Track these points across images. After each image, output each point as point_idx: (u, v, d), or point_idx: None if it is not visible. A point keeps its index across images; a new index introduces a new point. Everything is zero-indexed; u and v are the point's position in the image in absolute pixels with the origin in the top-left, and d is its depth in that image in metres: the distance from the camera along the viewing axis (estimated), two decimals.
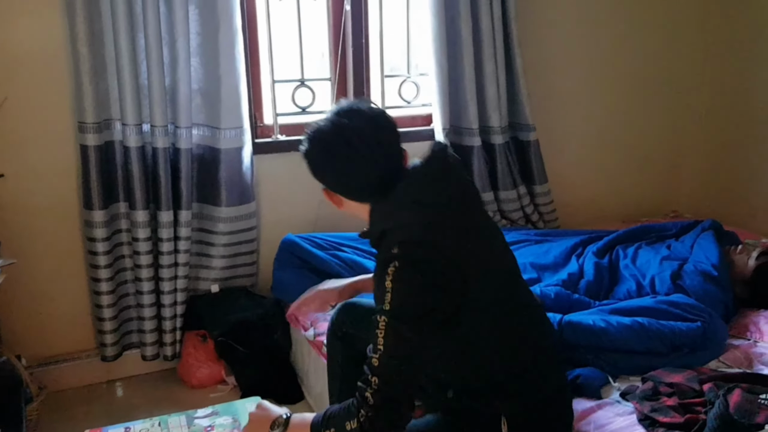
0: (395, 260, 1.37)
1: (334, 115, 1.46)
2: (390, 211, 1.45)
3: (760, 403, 1.68)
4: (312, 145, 1.48)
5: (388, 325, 1.34)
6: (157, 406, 2.53)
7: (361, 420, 1.31)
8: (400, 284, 1.35)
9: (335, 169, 1.47)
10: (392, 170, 1.45)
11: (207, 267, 2.71)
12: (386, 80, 2.94)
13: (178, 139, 2.48)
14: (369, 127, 1.43)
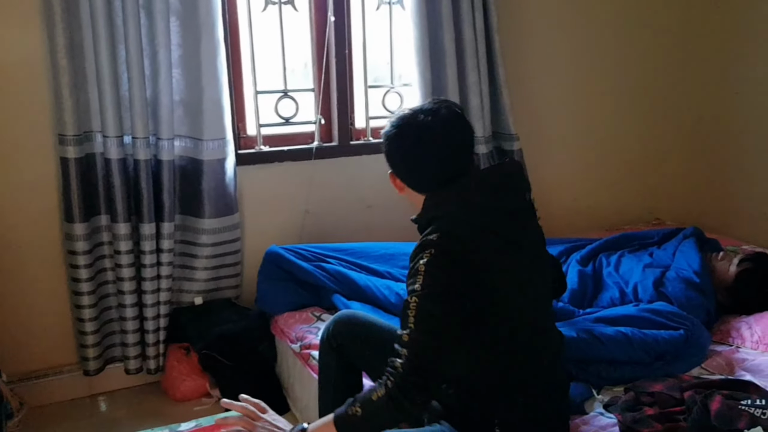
0: (432, 247, 1.45)
1: (418, 110, 1.57)
2: (441, 203, 1.53)
3: (741, 409, 1.68)
4: (391, 131, 1.60)
5: (418, 304, 1.41)
6: (140, 420, 2.50)
7: (389, 387, 1.38)
8: (433, 268, 1.43)
9: (403, 159, 1.59)
10: (456, 170, 1.54)
11: (190, 279, 2.69)
12: (370, 91, 2.94)
13: (160, 150, 2.46)
14: (442, 129, 1.53)
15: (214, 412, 2.38)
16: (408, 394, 1.37)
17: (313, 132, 2.87)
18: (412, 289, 1.44)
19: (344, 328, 1.88)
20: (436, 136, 1.53)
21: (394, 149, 1.60)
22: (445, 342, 1.43)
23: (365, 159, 2.96)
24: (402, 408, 1.38)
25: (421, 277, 1.44)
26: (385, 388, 1.39)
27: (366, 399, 1.42)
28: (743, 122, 3.33)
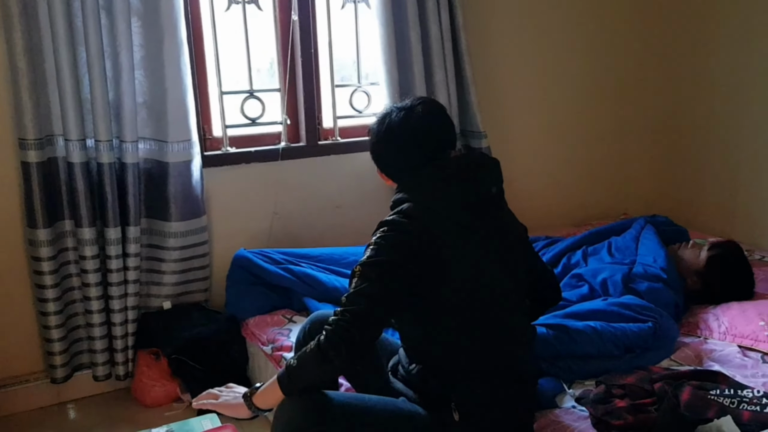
0: (387, 225, 1.57)
1: (396, 107, 1.70)
2: (407, 188, 1.64)
3: (710, 399, 1.71)
4: (372, 126, 1.74)
5: (361, 271, 1.53)
6: (111, 427, 2.47)
7: (320, 340, 1.50)
8: (382, 241, 1.54)
9: (374, 151, 1.74)
10: (425, 161, 1.64)
11: (158, 283, 2.66)
12: (337, 90, 2.92)
13: (123, 153, 2.42)
14: (412, 125, 1.65)
15: (186, 417, 2.36)
16: (335, 347, 1.47)
17: (280, 132, 2.85)
18: (361, 260, 1.55)
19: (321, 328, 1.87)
20: (404, 132, 1.65)
21: (370, 141, 1.74)
22: (378, 308, 1.52)
23: (333, 159, 2.94)
24: (327, 359, 1.48)
25: (370, 249, 1.55)
26: (317, 340, 1.50)
27: (301, 353, 1.53)
28: (709, 118, 3.38)
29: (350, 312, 1.50)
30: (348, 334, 1.48)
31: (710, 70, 3.33)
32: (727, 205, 3.32)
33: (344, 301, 1.53)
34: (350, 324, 1.49)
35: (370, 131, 1.74)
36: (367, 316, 1.51)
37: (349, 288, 1.54)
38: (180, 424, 1.81)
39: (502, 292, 1.64)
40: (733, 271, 2.39)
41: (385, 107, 1.74)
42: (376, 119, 1.73)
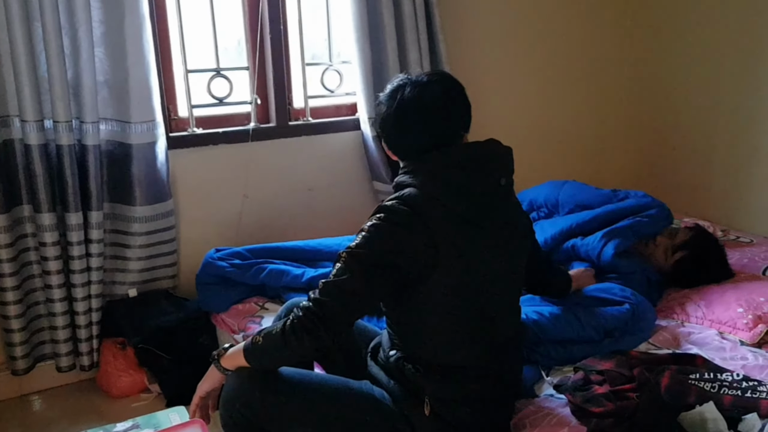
0: (384, 211, 1.49)
1: (409, 82, 1.56)
2: (411, 171, 1.55)
3: (690, 383, 1.68)
4: (381, 98, 1.62)
5: (345, 260, 1.46)
6: (76, 419, 2.39)
7: (286, 323, 1.46)
8: (373, 231, 1.47)
9: (383, 126, 1.61)
10: (435, 143, 1.54)
11: (123, 270, 2.57)
12: (308, 68, 2.84)
13: (84, 135, 2.32)
14: (425, 105, 1.53)
15: (154, 407, 2.30)
16: (298, 337, 1.43)
17: (249, 113, 2.76)
18: (350, 245, 1.48)
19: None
20: (416, 111, 1.54)
21: (379, 114, 1.62)
22: (353, 306, 1.47)
23: (305, 140, 2.86)
24: (290, 345, 1.44)
25: (361, 235, 1.48)
26: (283, 325, 1.46)
27: (268, 331, 1.50)
28: (686, 97, 3.36)
29: (322, 304, 1.45)
30: (314, 327, 1.43)
31: (688, 48, 3.30)
32: (703, 185, 3.31)
33: (321, 287, 1.47)
34: (318, 318, 1.44)
35: (379, 102, 1.62)
36: (339, 313, 1.46)
37: (330, 273, 1.48)
38: (147, 417, 1.73)
39: (495, 291, 1.58)
40: (702, 270, 2.34)
41: (399, 78, 1.60)
42: (388, 90, 1.60)
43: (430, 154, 1.53)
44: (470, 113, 1.61)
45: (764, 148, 3.01)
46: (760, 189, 3.05)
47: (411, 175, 1.54)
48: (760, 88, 2.99)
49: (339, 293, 1.45)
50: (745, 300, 2.14)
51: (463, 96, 1.59)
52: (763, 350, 1.97)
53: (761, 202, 3.05)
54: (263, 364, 1.53)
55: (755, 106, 3.03)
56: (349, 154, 2.95)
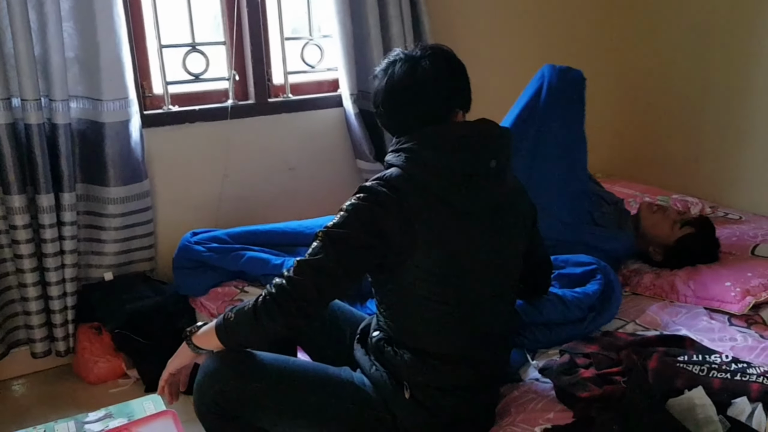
0: (364, 192, 1.45)
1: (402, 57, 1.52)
2: (400, 149, 1.50)
3: (679, 366, 1.64)
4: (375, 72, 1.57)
5: (321, 240, 1.43)
6: (52, 406, 2.34)
7: (258, 301, 1.43)
8: (351, 213, 1.44)
9: (375, 103, 1.57)
10: (425, 122, 1.49)
11: (98, 253, 2.50)
12: (287, 43, 2.75)
13: (53, 113, 2.24)
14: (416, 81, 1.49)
15: (132, 394, 2.24)
16: (270, 313, 1.41)
17: (227, 89, 2.68)
18: (327, 224, 1.46)
19: None
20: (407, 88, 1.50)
21: (373, 91, 1.57)
22: (326, 287, 1.43)
23: (285, 117, 2.78)
24: (261, 323, 1.41)
25: (339, 215, 1.45)
26: (255, 302, 1.43)
27: (240, 307, 1.46)
28: (673, 72, 3.30)
29: (295, 283, 1.41)
30: (285, 304, 1.41)
31: (676, 26, 3.24)
32: (691, 161, 3.26)
33: (295, 265, 1.43)
34: (291, 296, 1.41)
35: (374, 76, 1.58)
36: (311, 292, 1.42)
37: (305, 253, 1.44)
38: (121, 406, 1.68)
39: (481, 279, 1.52)
40: (700, 253, 2.32)
41: (394, 53, 1.55)
42: (382, 66, 1.56)
43: (418, 132, 1.48)
44: (469, 90, 1.56)
45: (753, 124, 2.97)
46: (748, 165, 3.01)
47: (397, 154, 1.50)
48: (750, 66, 2.94)
49: (312, 272, 1.41)
50: (734, 276, 2.13)
51: (459, 72, 1.54)
52: (752, 330, 1.94)
53: (750, 178, 3.02)
54: (235, 342, 1.49)
55: (744, 82, 2.98)
56: (332, 132, 2.88)
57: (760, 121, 2.94)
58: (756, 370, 1.61)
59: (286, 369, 1.53)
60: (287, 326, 1.42)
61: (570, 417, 1.55)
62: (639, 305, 2.12)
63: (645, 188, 3.06)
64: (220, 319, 1.49)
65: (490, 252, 1.52)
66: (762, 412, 1.45)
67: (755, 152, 2.98)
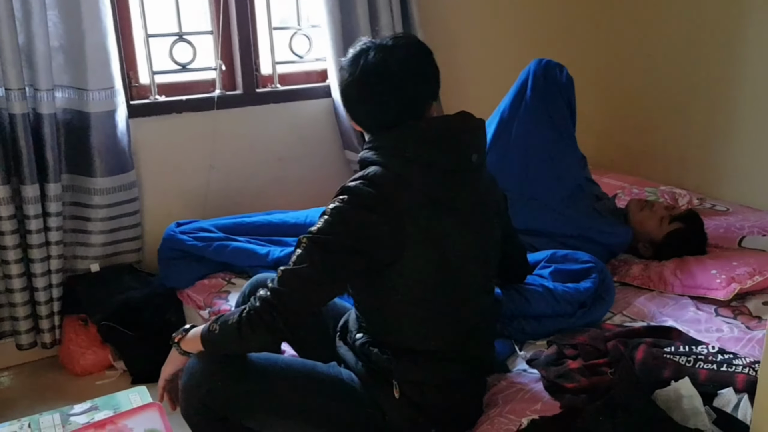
0: (347, 193, 1.38)
1: (373, 46, 1.44)
2: (378, 146, 1.44)
3: (665, 357, 1.64)
4: (342, 63, 1.49)
5: (306, 246, 1.37)
6: (39, 397, 2.33)
7: (242, 315, 1.37)
8: (337, 216, 1.38)
9: (346, 95, 1.50)
10: (403, 116, 1.43)
11: (85, 244, 2.48)
12: (275, 33, 2.73)
13: (38, 103, 2.22)
14: (390, 71, 1.42)
15: (120, 386, 2.23)
16: (255, 329, 1.36)
17: (214, 79, 2.66)
18: (311, 229, 1.39)
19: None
20: (381, 77, 1.42)
21: (341, 82, 1.50)
22: (313, 296, 1.40)
23: (273, 108, 2.76)
24: (246, 337, 1.37)
25: (323, 219, 1.39)
26: (239, 316, 1.38)
27: (224, 320, 1.41)
28: (657, 64, 3.30)
29: (280, 295, 1.36)
30: (271, 319, 1.35)
31: (662, 17, 3.23)
32: (678, 153, 3.27)
33: (279, 275, 1.38)
34: (276, 309, 1.35)
35: (341, 68, 1.49)
36: (298, 304, 1.38)
37: (290, 260, 1.39)
38: (106, 398, 1.67)
39: (467, 273, 1.50)
40: (688, 247, 2.32)
41: (361, 42, 1.47)
42: (350, 55, 1.47)
43: (396, 127, 1.43)
44: (439, 80, 1.50)
45: (740, 116, 2.97)
46: (735, 157, 3.02)
47: (376, 152, 1.43)
48: (737, 59, 2.94)
49: (298, 283, 1.36)
50: (720, 265, 2.14)
51: (432, 61, 1.48)
52: (738, 321, 1.95)
53: (737, 170, 3.02)
54: (220, 353, 1.46)
55: (732, 76, 2.98)
56: (320, 123, 2.86)
57: (747, 114, 2.95)
58: (742, 360, 1.61)
59: (275, 368, 1.49)
60: (273, 341, 1.40)
61: (557, 408, 1.55)
62: (626, 296, 2.12)
63: (633, 180, 3.06)
64: (205, 329, 1.45)
65: (476, 246, 1.51)
66: (748, 403, 1.45)
67: (742, 144, 2.99)
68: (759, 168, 2.93)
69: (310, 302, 1.41)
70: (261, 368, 1.47)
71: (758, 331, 1.86)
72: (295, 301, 1.37)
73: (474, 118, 1.51)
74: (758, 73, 2.88)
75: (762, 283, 2.05)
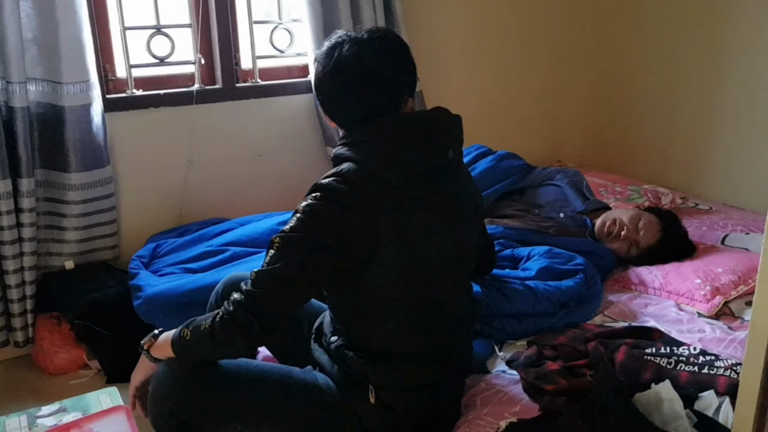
0: (320, 191, 1.36)
1: (348, 39, 1.42)
2: (352, 142, 1.42)
3: (646, 359, 1.62)
4: (317, 56, 1.47)
5: (279, 246, 1.34)
6: (12, 396, 2.27)
7: (215, 320, 1.34)
8: (309, 215, 1.35)
9: (319, 89, 1.47)
10: (378, 110, 1.41)
11: (59, 241, 2.42)
12: (255, 27, 2.68)
13: (10, 96, 2.16)
14: (365, 64, 1.39)
15: (94, 385, 2.19)
16: (230, 335, 1.33)
17: (193, 73, 2.60)
18: (284, 228, 1.37)
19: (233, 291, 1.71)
20: (356, 70, 1.39)
21: (315, 76, 1.47)
22: (288, 297, 1.37)
23: (253, 103, 2.72)
24: (220, 343, 1.34)
25: (295, 218, 1.36)
26: (212, 321, 1.35)
27: (196, 326, 1.38)
28: (641, 64, 3.29)
29: (255, 297, 1.32)
30: (247, 323, 1.31)
31: (649, 19, 3.22)
32: (662, 152, 3.26)
33: (253, 277, 1.34)
34: (250, 312, 1.32)
35: (315, 61, 1.46)
36: (274, 306, 1.34)
37: (263, 261, 1.35)
38: (75, 399, 1.64)
39: (445, 273, 1.48)
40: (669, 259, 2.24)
41: (336, 35, 1.45)
42: (325, 48, 1.44)
43: (371, 122, 1.40)
44: (416, 75, 1.48)
45: (723, 116, 2.97)
46: (718, 157, 3.01)
47: (350, 148, 1.41)
48: (721, 58, 2.93)
49: (273, 283, 1.33)
50: (703, 271, 2.10)
51: (408, 56, 1.45)
52: (720, 321, 1.94)
53: (720, 168, 3.02)
54: (192, 360, 1.42)
55: (715, 76, 2.97)
56: (301, 118, 2.82)
57: (730, 114, 2.94)
58: (723, 363, 1.59)
59: (248, 375, 1.46)
60: (248, 346, 1.37)
61: (536, 410, 1.53)
62: (608, 296, 2.10)
63: (617, 178, 3.05)
64: (176, 335, 1.41)
65: (453, 245, 1.49)
66: (729, 406, 1.43)
67: (725, 144, 2.98)
68: (742, 167, 2.92)
69: (285, 304, 1.37)
70: (234, 375, 1.43)
71: (740, 332, 1.85)
72: (271, 303, 1.34)
73: (450, 113, 1.48)
74: (741, 73, 2.87)
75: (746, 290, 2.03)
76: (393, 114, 1.42)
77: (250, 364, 1.50)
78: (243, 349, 1.38)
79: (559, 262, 2.02)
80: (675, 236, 2.30)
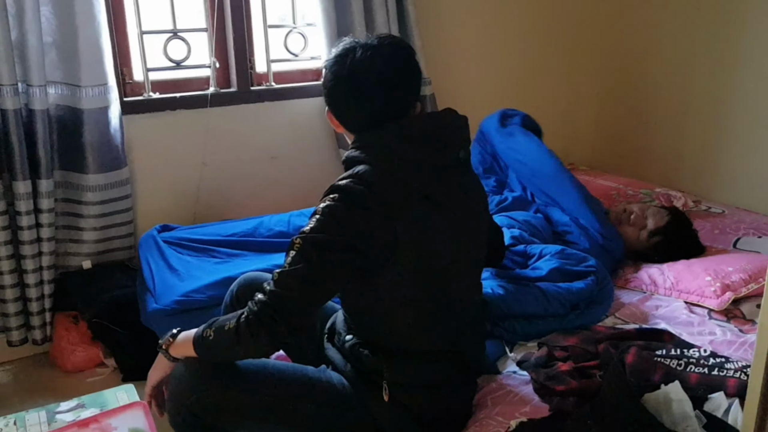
0: (338, 192, 1.37)
1: (360, 44, 1.44)
2: (365, 145, 1.43)
3: (656, 361, 1.63)
4: (328, 62, 1.48)
5: (301, 246, 1.35)
6: (30, 394, 2.31)
7: (240, 321, 1.34)
8: (329, 215, 1.36)
9: (331, 95, 1.48)
10: (389, 113, 1.43)
11: (77, 241, 2.47)
12: (270, 31, 2.71)
13: (31, 99, 2.20)
14: (381, 67, 1.41)
15: (110, 383, 2.21)
16: (254, 334, 1.33)
17: (209, 77, 2.64)
18: (303, 229, 1.37)
19: (249, 290, 1.73)
20: (370, 75, 1.41)
21: (326, 81, 1.48)
22: (312, 296, 1.37)
23: (268, 106, 2.75)
24: (245, 343, 1.34)
25: (314, 219, 1.37)
26: (237, 321, 1.35)
27: (220, 326, 1.38)
28: (657, 67, 3.29)
29: (279, 297, 1.33)
30: (271, 322, 1.32)
31: (662, 18, 3.22)
32: (674, 155, 3.26)
33: (276, 278, 1.35)
34: (276, 312, 1.32)
35: (325, 67, 1.48)
36: (298, 305, 1.35)
37: (285, 262, 1.36)
38: (93, 396, 1.66)
39: (458, 271, 1.50)
40: (676, 252, 2.28)
41: (346, 42, 1.46)
42: (334, 55, 1.45)
43: (383, 126, 1.42)
44: (421, 80, 1.50)
45: (736, 119, 2.96)
46: (732, 159, 3.01)
47: (363, 151, 1.42)
48: (736, 58, 2.93)
49: (296, 284, 1.33)
50: (714, 270, 2.11)
51: (416, 60, 1.48)
52: (731, 324, 1.94)
53: (733, 172, 3.01)
54: (215, 360, 1.44)
55: (728, 78, 2.97)
56: (314, 121, 2.84)
57: (742, 117, 2.94)
58: (733, 365, 1.60)
59: (266, 374, 1.48)
60: (273, 346, 1.37)
61: (546, 411, 1.54)
62: (619, 298, 2.11)
63: (628, 181, 3.05)
64: (198, 334, 1.42)
65: (466, 243, 1.51)
66: (738, 408, 1.44)
67: (738, 147, 2.98)
68: (754, 170, 2.92)
69: (309, 303, 1.38)
70: (252, 375, 1.45)
71: (751, 334, 1.85)
72: (295, 302, 1.34)
73: (458, 114, 1.51)
74: (754, 76, 2.87)
75: (757, 289, 2.03)
76: (404, 117, 1.44)
77: (267, 363, 1.52)
78: (268, 350, 1.39)
79: (571, 263, 2.02)
80: (682, 223, 2.35)
